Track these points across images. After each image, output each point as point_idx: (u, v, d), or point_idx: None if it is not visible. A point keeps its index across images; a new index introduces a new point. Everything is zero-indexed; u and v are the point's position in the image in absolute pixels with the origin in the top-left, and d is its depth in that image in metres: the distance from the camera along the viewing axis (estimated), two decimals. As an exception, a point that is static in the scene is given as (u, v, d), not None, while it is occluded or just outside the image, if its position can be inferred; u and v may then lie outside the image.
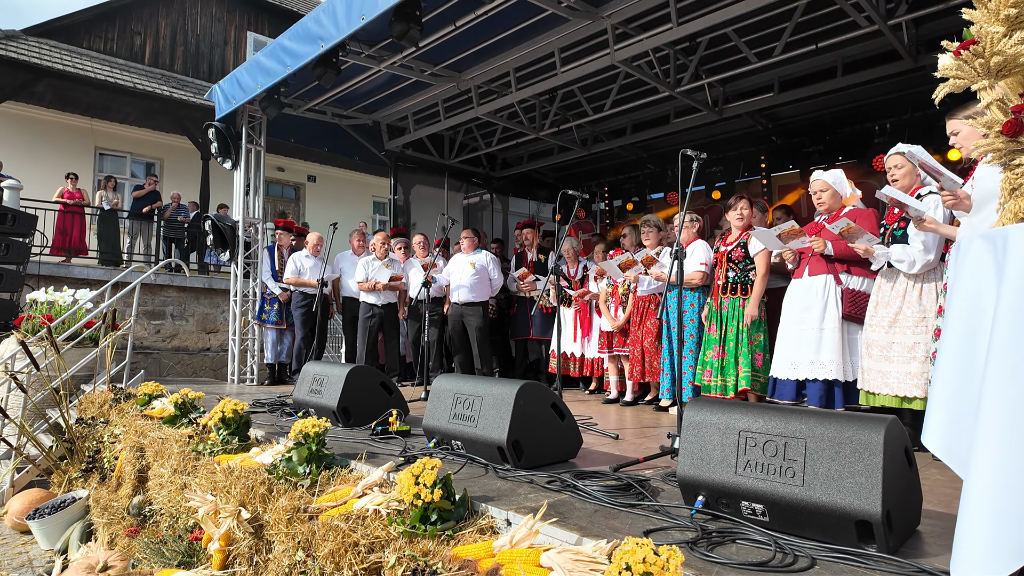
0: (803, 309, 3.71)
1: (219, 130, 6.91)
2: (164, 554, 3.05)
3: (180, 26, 13.65)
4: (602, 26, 5.48)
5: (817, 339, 3.62)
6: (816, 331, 3.63)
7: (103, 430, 4.91)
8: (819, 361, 3.60)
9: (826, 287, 3.64)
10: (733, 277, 4.36)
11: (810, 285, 3.71)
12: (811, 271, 3.73)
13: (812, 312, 3.66)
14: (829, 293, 3.63)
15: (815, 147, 7.54)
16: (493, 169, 9.82)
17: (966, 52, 1.54)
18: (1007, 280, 1.22)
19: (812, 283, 3.70)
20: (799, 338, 3.70)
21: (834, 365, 3.56)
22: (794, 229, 3.79)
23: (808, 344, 3.65)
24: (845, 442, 1.68)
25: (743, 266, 4.33)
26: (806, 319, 3.68)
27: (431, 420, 2.99)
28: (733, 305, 4.33)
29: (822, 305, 3.63)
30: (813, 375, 3.61)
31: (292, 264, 6.75)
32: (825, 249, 3.65)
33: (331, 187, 15.54)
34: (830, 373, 3.56)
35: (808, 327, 3.67)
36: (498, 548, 1.76)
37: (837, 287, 3.62)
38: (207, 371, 9.35)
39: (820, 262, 3.70)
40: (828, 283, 3.64)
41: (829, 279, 3.65)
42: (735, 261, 4.37)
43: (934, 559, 1.60)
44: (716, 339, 4.35)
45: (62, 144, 12.15)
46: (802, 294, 3.75)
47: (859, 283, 3.62)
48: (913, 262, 3.16)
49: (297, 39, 5.59)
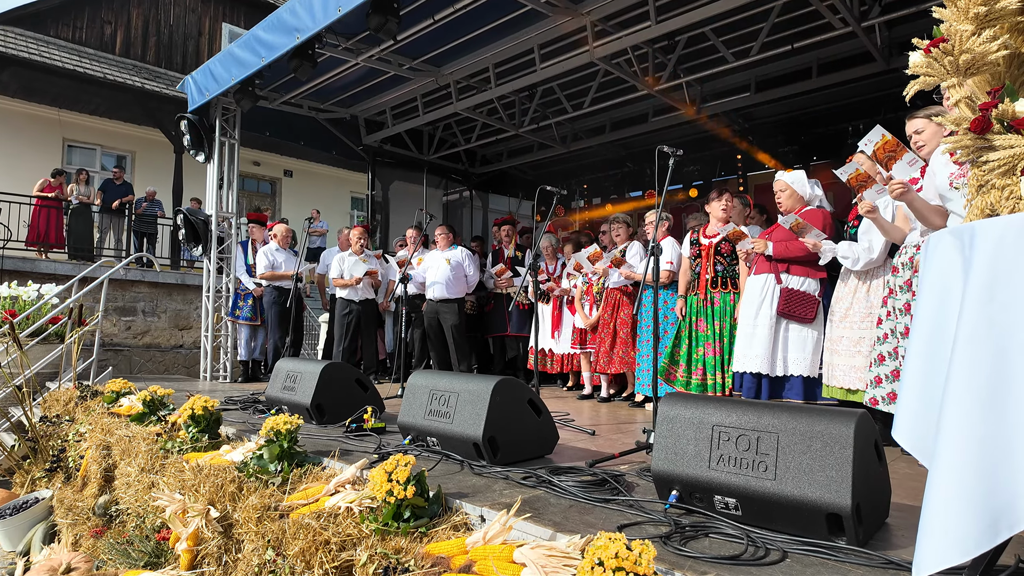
0: (747, 305, 3.89)
1: (192, 122, 6.76)
2: (130, 555, 2.97)
3: (153, 16, 13.34)
4: (581, 23, 5.48)
5: (751, 334, 3.79)
6: (751, 326, 3.79)
7: (68, 428, 4.78)
8: (749, 355, 3.77)
9: (766, 285, 3.79)
10: (721, 271, 4.39)
11: (754, 283, 3.87)
12: (756, 270, 3.89)
13: (751, 308, 3.83)
14: (767, 291, 3.78)
15: (790, 147, 7.64)
16: (472, 165, 9.78)
17: (936, 50, 1.56)
18: (973, 274, 1.24)
19: (756, 281, 3.86)
20: (741, 332, 3.90)
21: (760, 359, 3.71)
22: (736, 231, 3.98)
23: (744, 338, 3.84)
24: (816, 436, 1.70)
25: (730, 259, 4.36)
26: (746, 315, 3.87)
27: (406, 417, 2.96)
28: (724, 300, 4.35)
29: (759, 302, 3.79)
30: (744, 368, 3.79)
31: (264, 258, 6.56)
32: (766, 250, 3.80)
33: (308, 182, 15.34)
34: (756, 366, 3.72)
35: (745, 322, 3.85)
36: (471, 545, 1.74)
37: (776, 286, 3.76)
38: (180, 368, 9.17)
39: (764, 262, 3.85)
40: (768, 281, 3.79)
41: (770, 278, 3.79)
42: (723, 255, 4.40)
43: (902, 551, 1.63)
44: (706, 335, 4.36)
45: (29, 135, 11.81)
46: (748, 291, 3.92)
47: (799, 283, 3.75)
48: (857, 259, 3.35)
49: (272, 30, 5.49)
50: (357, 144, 8.51)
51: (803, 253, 3.69)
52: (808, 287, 3.72)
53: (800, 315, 3.65)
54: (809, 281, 3.73)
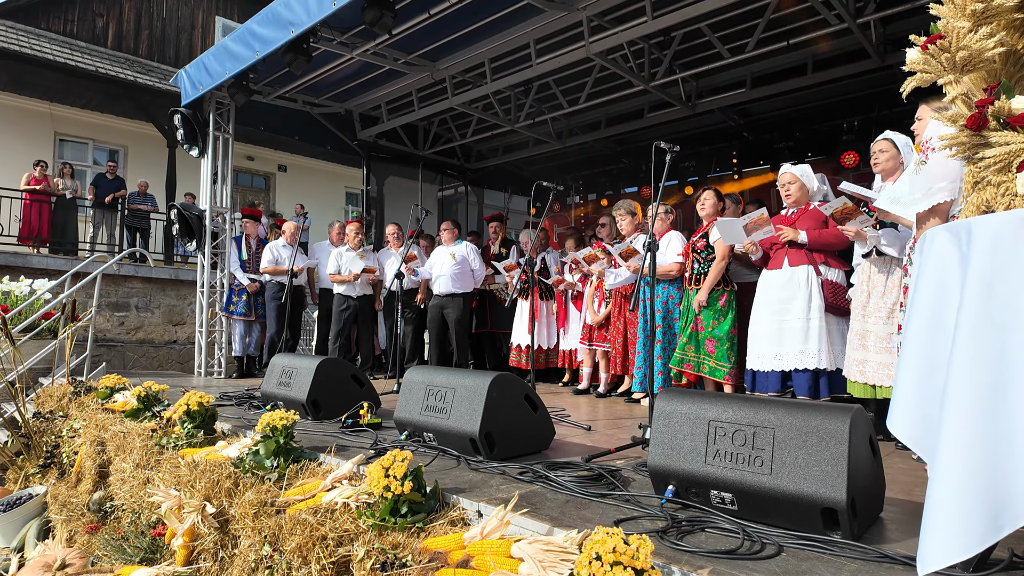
0: (785, 300, 3.72)
1: (185, 116, 6.71)
2: (125, 551, 2.96)
3: (145, 9, 13.21)
4: (577, 18, 5.47)
5: (804, 329, 3.64)
6: (803, 321, 3.64)
7: (62, 424, 4.76)
8: (807, 351, 3.62)
9: (808, 278, 3.66)
10: (698, 268, 4.41)
11: (791, 275, 3.71)
12: (791, 262, 3.73)
13: (796, 303, 3.67)
14: (812, 284, 3.65)
15: (785, 143, 7.66)
16: (468, 161, 9.76)
17: (933, 47, 1.56)
18: (971, 270, 1.24)
19: (794, 273, 3.71)
20: (783, 328, 3.71)
21: (823, 355, 3.60)
22: (762, 218, 3.79)
23: (794, 335, 3.67)
24: (812, 431, 1.70)
25: (706, 255, 4.37)
26: (791, 310, 3.69)
27: (403, 412, 2.96)
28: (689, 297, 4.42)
29: (806, 295, 3.65)
30: (803, 365, 3.63)
31: (269, 253, 6.60)
32: (798, 238, 3.68)
33: (302, 177, 15.26)
34: (818, 363, 3.60)
35: (793, 317, 3.68)
36: (469, 540, 1.74)
37: (818, 278, 3.66)
38: (174, 364, 9.12)
39: (800, 253, 3.71)
40: (810, 274, 3.67)
41: (810, 270, 3.67)
42: (699, 251, 4.41)
43: (897, 545, 1.64)
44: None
45: (19, 129, 11.69)
46: (782, 285, 3.75)
47: (836, 275, 3.68)
48: (904, 247, 3.16)
49: (267, 24, 5.45)
50: (352, 139, 8.47)
51: (837, 241, 3.60)
52: (842, 279, 3.64)
53: (845, 307, 3.53)
54: (842, 273, 3.66)
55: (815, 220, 3.73)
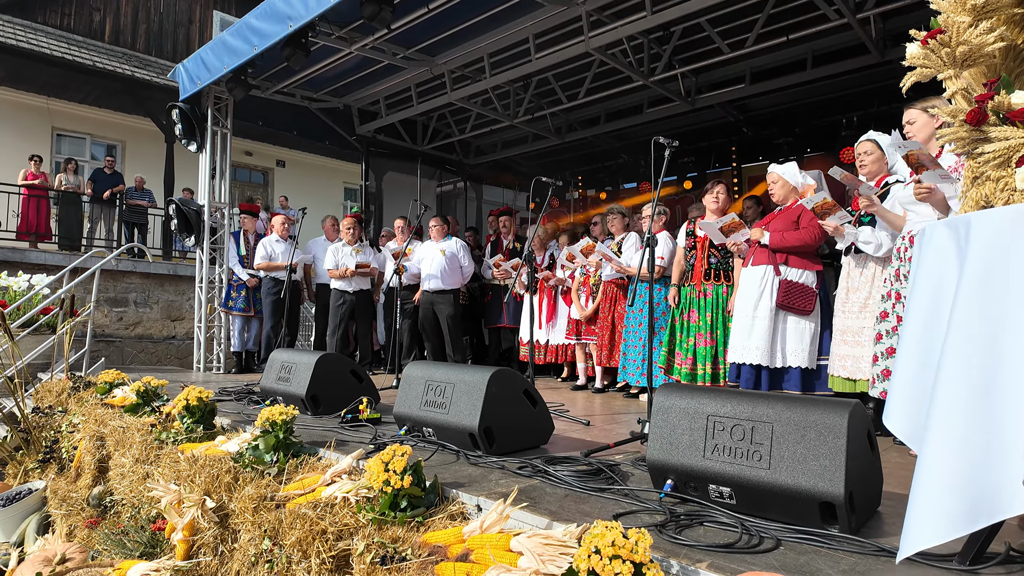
0: (744, 297, 3.87)
1: (183, 111, 6.69)
2: (125, 545, 2.97)
3: (142, 3, 13.14)
4: (576, 12, 5.45)
5: (748, 325, 3.78)
6: (749, 318, 3.78)
7: (61, 419, 4.76)
8: (748, 346, 3.76)
9: (764, 276, 3.78)
10: (715, 263, 4.40)
11: (752, 274, 3.85)
12: (754, 261, 3.87)
13: (748, 300, 3.81)
14: (766, 283, 3.77)
15: (784, 139, 7.65)
16: (467, 156, 9.74)
17: (933, 41, 1.56)
18: (968, 265, 1.25)
19: (754, 272, 3.84)
20: (738, 323, 3.88)
21: (759, 351, 3.71)
22: (734, 222, 3.93)
23: (741, 330, 3.83)
24: (810, 426, 1.71)
25: (724, 251, 4.37)
26: (743, 306, 3.85)
27: (402, 407, 2.96)
28: (717, 292, 4.38)
29: (757, 294, 3.78)
30: (742, 359, 3.79)
31: (262, 249, 6.59)
32: (762, 238, 3.78)
33: (301, 172, 15.23)
34: (756, 358, 3.72)
35: (744, 314, 3.83)
36: (468, 534, 1.75)
37: (775, 277, 3.75)
38: (172, 360, 9.12)
39: (762, 252, 3.83)
40: (767, 273, 3.78)
41: (768, 269, 3.78)
42: (717, 247, 4.40)
43: (894, 538, 1.64)
44: (698, 326, 4.38)
45: (16, 124, 11.64)
46: (745, 283, 3.90)
47: (798, 275, 3.74)
48: (880, 245, 3.24)
49: (265, 18, 5.43)
50: (350, 134, 8.45)
51: (799, 243, 3.69)
52: (806, 279, 3.72)
53: (799, 307, 3.65)
54: (807, 273, 3.73)
55: (786, 221, 3.82)
